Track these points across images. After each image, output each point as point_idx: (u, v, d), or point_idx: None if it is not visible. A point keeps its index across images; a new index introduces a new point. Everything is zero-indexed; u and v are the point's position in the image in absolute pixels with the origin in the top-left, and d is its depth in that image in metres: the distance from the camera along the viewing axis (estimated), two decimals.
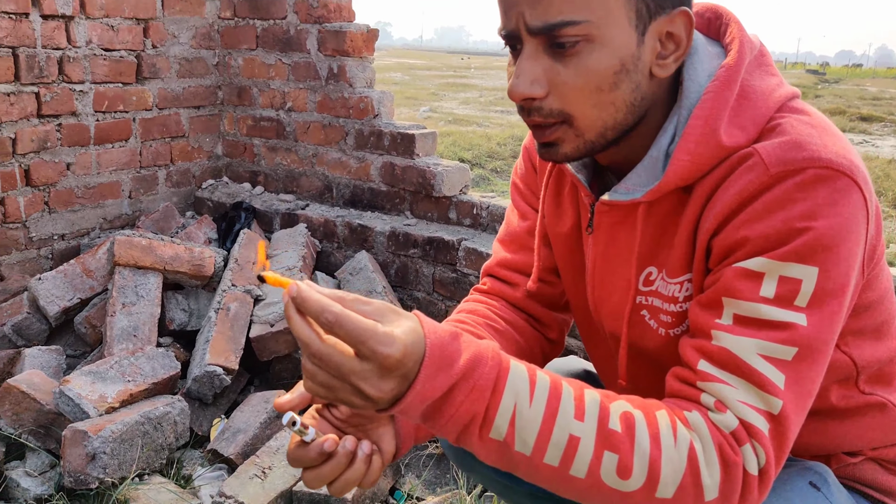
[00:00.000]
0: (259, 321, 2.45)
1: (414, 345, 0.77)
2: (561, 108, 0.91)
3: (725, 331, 0.86)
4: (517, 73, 0.91)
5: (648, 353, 1.04)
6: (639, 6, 0.88)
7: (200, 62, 3.31)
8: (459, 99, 12.66)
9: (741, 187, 0.87)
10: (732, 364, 0.85)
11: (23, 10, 2.60)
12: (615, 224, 1.03)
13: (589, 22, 0.86)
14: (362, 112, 3.03)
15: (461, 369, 0.80)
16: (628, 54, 0.89)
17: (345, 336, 0.75)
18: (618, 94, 0.90)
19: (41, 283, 2.46)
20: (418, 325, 0.79)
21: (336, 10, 3.07)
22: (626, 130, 0.95)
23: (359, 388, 0.76)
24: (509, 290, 1.25)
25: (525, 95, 0.91)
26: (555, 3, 0.86)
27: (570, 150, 0.94)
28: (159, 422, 2.01)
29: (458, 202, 2.87)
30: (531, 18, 0.87)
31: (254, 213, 3.12)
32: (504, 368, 0.83)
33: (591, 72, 0.88)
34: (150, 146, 3.16)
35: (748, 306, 0.85)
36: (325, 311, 0.75)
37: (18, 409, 2.03)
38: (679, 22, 0.90)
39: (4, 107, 2.58)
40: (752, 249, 0.86)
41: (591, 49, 0.87)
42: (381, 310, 0.79)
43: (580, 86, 0.89)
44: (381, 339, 0.75)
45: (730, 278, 0.87)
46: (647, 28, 0.89)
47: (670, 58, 0.92)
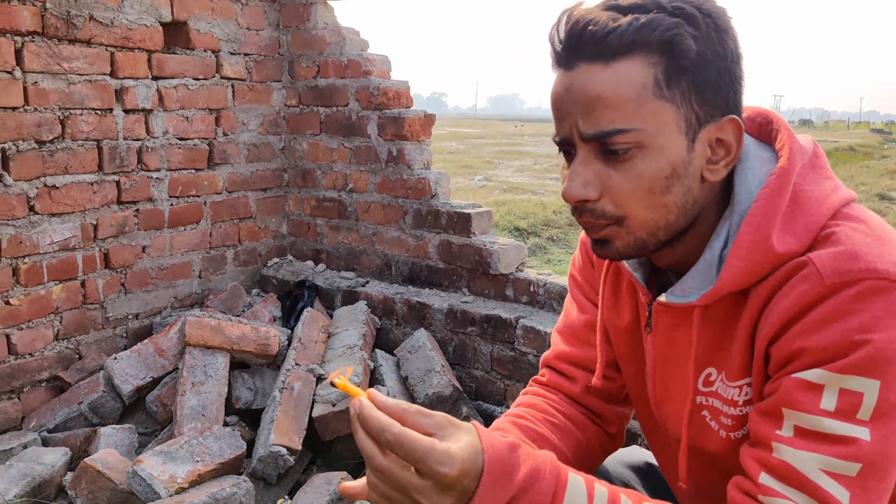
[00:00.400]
0: (321, 400, 2.51)
1: (472, 461, 0.79)
2: (613, 211, 0.93)
3: (786, 443, 0.86)
4: (570, 177, 0.94)
5: (710, 455, 1.03)
6: (688, 115, 0.90)
7: (267, 147, 3.48)
8: (514, 167, 12.80)
9: (797, 297, 0.87)
10: (795, 479, 0.84)
11: (107, 105, 2.80)
12: (673, 325, 1.04)
13: (640, 130, 0.89)
14: (420, 192, 3.13)
15: (520, 483, 0.81)
16: (679, 159, 0.91)
17: (403, 455, 0.79)
18: (669, 196, 0.92)
19: (116, 362, 2.58)
20: (476, 438, 0.81)
21: (395, 97, 3.22)
22: (679, 232, 0.96)
23: (418, 502, 0.80)
24: (567, 384, 1.26)
25: (578, 198, 0.93)
26: (607, 113, 0.89)
27: (621, 246, 0.96)
28: (226, 502, 2.07)
29: (514, 279, 2.92)
30: (584, 126, 0.91)
31: (316, 291, 3.22)
32: (562, 482, 0.84)
33: (644, 176, 0.91)
34: (220, 227, 3.31)
35: (809, 419, 0.84)
36: (383, 432, 0.79)
37: (94, 487, 2.11)
38: (728, 129, 0.93)
39: (88, 195, 2.76)
40: (811, 360, 0.85)
41: (643, 155, 0.90)
42: (441, 423, 0.82)
43: (632, 189, 0.91)
44: (439, 458, 0.78)
45: (789, 389, 0.86)
46: (698, 135, 0.91)
47: (721, 163, 0.94)
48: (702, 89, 0.90)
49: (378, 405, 0.83)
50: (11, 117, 2.49)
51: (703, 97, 0.91)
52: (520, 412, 1.21)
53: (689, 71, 0.89)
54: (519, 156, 15.23)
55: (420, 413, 0.83)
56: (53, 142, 2.63)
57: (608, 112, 0.89)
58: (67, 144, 2.68)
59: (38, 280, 2.62)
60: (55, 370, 2.70)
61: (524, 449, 0.85)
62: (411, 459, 0.79)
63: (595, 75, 0.90)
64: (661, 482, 1.31)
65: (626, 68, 0.89)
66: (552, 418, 1.20)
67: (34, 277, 2.61)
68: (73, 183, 2.71)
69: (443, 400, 2.58)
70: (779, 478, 0.86)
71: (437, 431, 0.81)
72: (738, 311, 0.96)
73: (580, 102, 0.91)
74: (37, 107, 2.56)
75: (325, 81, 3.37)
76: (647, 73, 0.89)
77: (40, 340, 2.65)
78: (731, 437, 0.99)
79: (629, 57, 0.89)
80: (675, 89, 0.89)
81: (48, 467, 2.19)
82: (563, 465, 0.87)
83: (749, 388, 0.96)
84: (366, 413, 0.81)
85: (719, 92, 0.91)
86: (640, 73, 0.89)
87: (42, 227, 2.62)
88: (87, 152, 2.75)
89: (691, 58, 0.88)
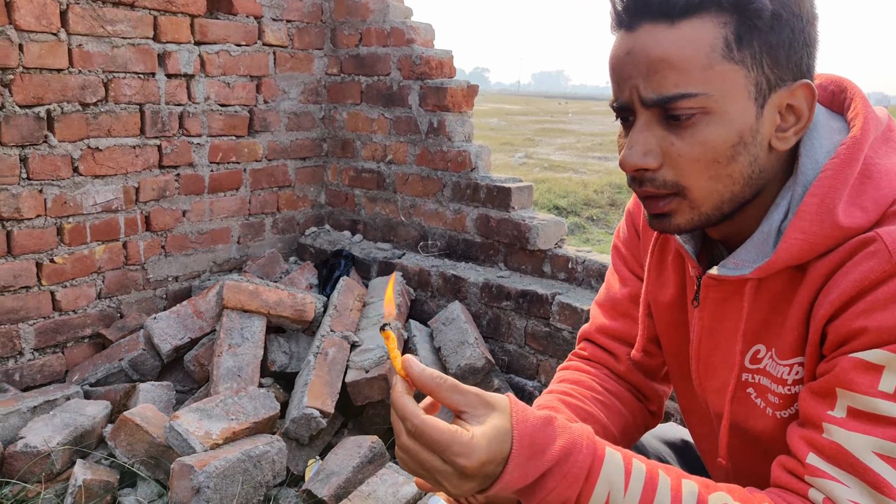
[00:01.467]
0: (355, 366, 2.53)
1: (496, 447, 0.79)
2: (675, 179, 0.89)
3: (838, 424, 0.82)
4: (630, 144, 0.90)
5: (753, 433, 1.01)
6: (759, 79, 0.85)
7: (308, 116, 3.49)
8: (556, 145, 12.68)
9: (861, 274, 0.82)
10: (845, 461, 0.81)
11: (150, 70, 2.83)
12: (722, 299, 1.00)
13: (706, 95, 0.84)
14: (460, 165, 3.12)
15: (554, 456, 0.80)
16: (746, 127, 0.86)
17: (425, 444, 0.79)
18: (735, 166, 0.88)
19: (156, 322, 2.63)
20: (507, 418, 0.80)
21: (437, 66, 3.19)
22: (742, 204, 0.92)
23: (441, 483, 0.80)
24: (612, 360, 1.23)
25: (638, 166, 0.89)
26: (671, 76, 0.85)
27: (683, 222, 0.92)
28: (259, 460, 2.11)
29: (553, 256, 2.89)
30: (646, 91, 0.86)
31: (352, 261, 3.24)
32: (599, 456, 0.83)
33: (708, 144, 0.86)
34: (259, 195, 3.34)
35: (864, 400, 0.81)
36: (407, 420, 0.80)
37: (132, 439, 2.17)
38: (800, 94, 0.87)
39: (130, 158, 2.80)
40: (871, 340, 0.81)
41: (707, 121, 0.86)
42: (472, 402, 0.81)
43: (696, 157, 0.87)
44: (458, 451, 0.77)
45: (845, 369, 0.82)
46: (767, 100, 0.87)
47: (790, 130, 0.89)
48: (774, 51, 0.85)
49: (413, 376, 0.82)
50: (56, 79, 2.53)
51: (775, 60, 0.85)
52: (566, 389, 1.18)
53: (761, 31, 0.84)
54: (562, 133, 15.09)
55: (454, 389, 0.81)
56: (97, 104, 2.67)
57: (673, 75, 0.85)
58: (111, 107, 2.72)
59: (82, 240, 2.68)
60: (97, 327, 2.77)
61: (559, 422, 0.83)
62: (433, 449, 0.79)
63: (659, 36, 0.85)
64: (697, 460, 1.29)
65: (694, 28, 0.84)
66: (600, 396, 1.17)
67: (78, 237, 2.66)
68: (115, 146, 2.75)
69: (475, 371, 2.59)
70: (828, 458, 0.83)
71: (467, 409, 0.81)
72: (793, 286, 0.92)
73: (642, 65, 0.86)
74: (81, 69, 2.60)
75: (367, 50, 3.37)
76: (716, 34, 0.84)
77: (83, 298, 2.71)
78: (778, 415, 0.96)
79: (698, 16, 0.84)
80: (747, 51, 0.84)
81: (89, 419, 2.25)
82: (600, 440, 0.85)
83: (800, 367, 0.92)
84: (394, 396, 0.81)
85: (792, 54, 0.86)
86: (709, 34, 0.84)
87: (85, 188, 2.67)
88: (130, 116, 2.79)
89: (765, 17, 0.83)
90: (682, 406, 1.21)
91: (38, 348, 2.60)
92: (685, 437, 1.35)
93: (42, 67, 2.48)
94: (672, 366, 1.18)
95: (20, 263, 2.51)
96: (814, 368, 0.89)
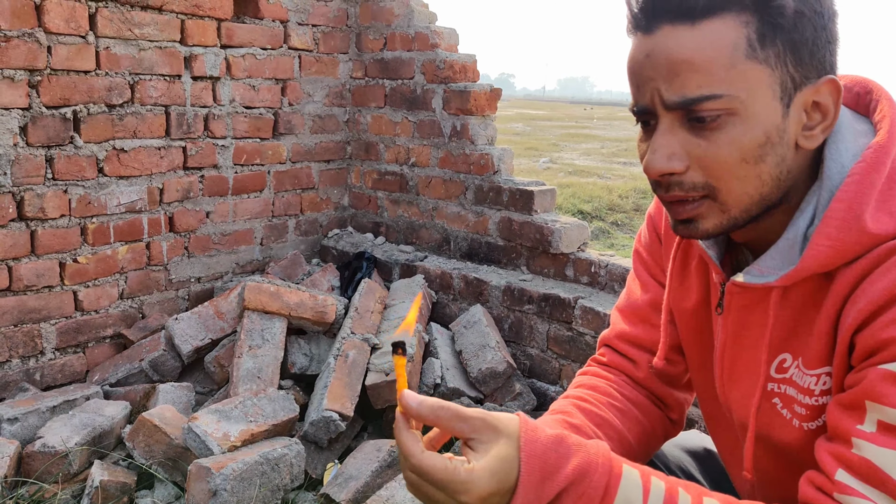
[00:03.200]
0: (375, 369, 2.52)
1: (500, 479, 0.77)
2: (705, 180, 0.87)
3: (868, 439, 0.80)
4: (653, 149, 0.87)
5: (779, 445, 0.98)
6: (783, 78, 0.83)
7: (332, 119, 3.50)
8: (581, 150, 12.62)
9: (890, 283, 0.80)
10: (875, 478, 0.78)
11: (176, 72, 2.85)
12: (747, 306, 0.98)
13: (731, 96, 0.82)
14: (483, 168, 3.10)
15: (568, 476, 0.78)
16: (773, 126, 0.84)
17: (427, 481, 0.78)
18: (763, 167, 0.85)
19: (177, 322, 2.64)
20: (514, 443, 0.79)
21: (461, 70, 3.18)
22: (770, 206, 0.89)
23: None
24: (630, 367, 1.20)
25: (664, 171, 0.87)
26: (694, 77, 0.83)
27: (711, 226, 0.90)
28: (277, 463, 2.10)
29: (575, 259, 2.87)
30: (668, 93, 0.84)
31: (375, 263, 3.23)
32: (615, 475, 0.80)
33: (736, 144, 0.84)
34: (282, 197, 3.35)
35: (894, 413, 0.78)
36: (407, 458, 0.79)
37: (150, 440, 2.17)
38: (825, 91, 0.85)
39: (155, 159, 2.82)
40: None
41: (734, 122, 0.83)
42: (477, 427, 0.79)
43: (724, 158, 0.84)
44: (459, 488, 0.76)
45: (874, 381, 0.79)
46: (793, 99, 0.85)
47: (817, 128, 0.87)
48: (798, 49, 0.83)
49: (412, 413, 0.81)
50: (83, 80, 2.55)
51: (799, 58, 0.84)
52: (582, 394, 1.15)
53: (784, 29, 0.82)
54: (586, 139, 15.02)
55: (457, 417, 0.79)
56: (123, 106, 2.69)
57: (696, 77, 0.83)
58: (136, 109, 2.74)
59: (105, 240, 2.70)
60: (119, 327, 2.78)
61: (573, 440, 0.81)
62: (434, 485, 0.78)
63: (680, 37, 0.83)
64: (720, 469, 1.26)
65: (716, 28, 0.82)
66: (616, 402, 1.15)
67: (101, 237, 2.68)
68: (140, 147, 2.77)
69: (496, 375, 2.56)
70: (857, 475, 0.80)
71: (473, 436, 0.79)
72: (821, 294, 0.89)
73: (663, 68, 0.84)
74: (108, 71, 2.63)
75: (392, 54, 3.36)
76: (738, 33, 0.82)
77: (105, 298, 2.73)
78: (805, 427, 0.93)
79: (719, 15, 0.82)
80: (770, 50, 0.82)
81: (108, 419, 2.26)
82: (616, 457, 0.83)
83: (828, 377, 0.89)
84: (395, 433, 0.81)
85: (816, 52, 0.84)
86: (731, 33, 0.82)
87: (110, 188, 2.69)
88: (156, 118, 2.81)
89: (788, 15, 0.82)
90: (705, 414, 1.18)
91: (60, 348, 2.62)
92: (708, 445, 1.32)
93: (69, 69, 2.51)
94: (695, 373, 1.15)
95: (44, 263, 2.53)
96: (842, 379, 0.86)
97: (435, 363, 2.62)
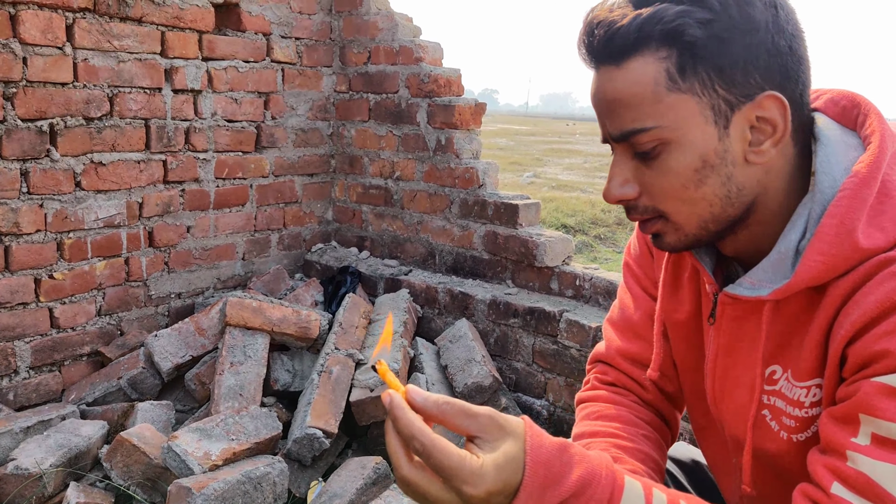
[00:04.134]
0: (360, 385, 2.48)
1: (507, 476, 0.75)
2: (654, 205, 0.93)
3: (863, 453, 0.80)
4: (609, 178, 0.94)
5: (770, 456, 0.98)
6: (714, 102, 0.86)
7: (315, 133, 3.46)
8: (564, 164, 12.67)
9: (883, 295, 0.80)
10: (871, 492, 0.78)
11: (157, 84, 2.80)
12: (739, 317, 0.98)
13: (660, 127, 0.87)
14: (467, 182, 3.08)
15: (571, 487, 0.77)
16: (710, 150, 0.87)
17: (432, 467, 0.75)
18: (706, 188, 0.89)
19: (157, 339, 2.59)
20: (520, 445, 0.77)
21: (445, 84, 3.16)
22: (733, 221, 0.92)
23: None
24: (639, 389, 1.20)
25: (617, 198, 0.93)
26: (625, 113, 0.89)
27: (673, 241, 0.95)
28: (259, 482, 2.05)
29: (560, 273, 2.85)
30: (610, 128, 0.91)
31: (359, 277, 3.19)
32: (619, 486, 0.80)
33: (672, 172, 0.89)
34: (265, 211, 3.30)
35: (889, 426, 0.78)
36: (413, 439, 0.75)
37: (129, 461, 2.11)
38: (768, 105, 0.86)
39: (134, 173, 2.77)
40: (894, 364, 0.78)
41: (669, 151, 0.88)
42: (485, 426, 0.77)
43: (665, 186, 0.90)
44: (466, 478, 0.74)
45: (868, 393, 0.80)
46: (731, 120, 0.87)
47: (766, 143, 0.88)
48: (725, 72, 0.85)
49: (416, 405, 0.78)
50: (60, 93, 2.51)
51: (729, 80, 0.85)
52: (614, 430, 1.13)
53: (704, 58, 0.85)
54: (569, 154, 15.09)
55: (463, 413, 0.77)
56: (101, 119, 2.64)
57: (626, 112, 0.88)
58: (115, 122, 2.69)
59: (82, 255, 2.64)
60: (96, 345, 2.72)
61: (576, 450, 0.80)
62: (439, 473, 0.75)
63: (611, 77, 0.89)
64: (708, 480, 1.26)
65: (637, 67, 0.87)
66: (644, 431, 1.14)
67: (78, 253, 2.62)
68: (119, 161, 2.72)
69: (482, 390, 2.53)
70: (853, 489, 0.80)
71: (479, 434, 0.77)
72: (812, 306, 0.90)
73: (604, 105, 0.91)
74: (86, 83, 2.58)
75: (376, 68, 3.34)
76: (657, 69, 0.86)
77: (83, 315, 2.67)
78: (794, 439, 0.93)
79: (639, 54, 0.86)
80: (693, 79, 0.86)
81: (85, 439, 2.20)
82: (619, 469, 0.82)
83: (818, 389, 0.90)
84: (397, 413, 0.76)
85: (751, 70, 0.85)
86: (651, 70, 0.86)
87: (87, 203, 2.63)
88: (135, 131, 2.76)
89: (704, 44, 0.84)
90: (694, 426, 1.17)
91: (35, 367, 2.55)
92: (695, 456, 1.33)
93: (46, 81, 2.46)
94: (687, 385, 1.15)
95: (18, 279, 2.47)
96: (833, 391, 0.87)
97: (420, 378, 2.58)
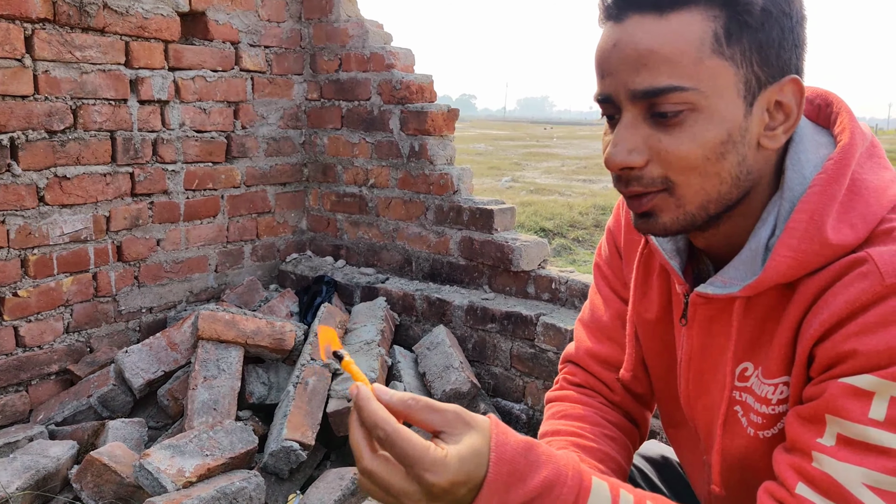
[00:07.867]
0: (337, 396, 2.44)
1: (471, 469, 0.74)
2: (664, 174, 0.85)
3: (828, 454, 0.79)
4: (615, 142, 0.86)
5: (737, 456, 0.97)
6: (748, 76, 0.83)
7: (287, 142, 3.42)
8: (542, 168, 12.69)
9: (852, 295, 0.79)
10: (836, 493, 0.78)
11: (122, 96, 2.75)
12: (712, 317, 0.96)
13: (696, 90, 0.81)
14: (442, 188, 3.05)
15: (536, 488, 0.76)
16: (735, 125, 0.83)
17: (395, 456, 0.74)
18: (724, 164, 0.84)
19: (127, 355, 2.53)
20: (485, 440, 0.76)
21: (418, 91, 3.14)
22: (729, 206, 0.88)
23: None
24: (605, 390, 1.18)
25: (623, 164, 0.86)
26: (661, 68, 0.82)
27: (668, 220, 0.88)
28: (235, 497, 2.00)
29: (536, 276, 2.83)
30: (634, 83, 0.83)
31: (335, 287, 3.15)
32: (585, 487, 0.78)
33: (697, 140, 0.83)
34: (237, 222, 3.26)
35: (855, 428, 0.77)
36: (377, 427, 0.74)
37: (100, 480, 2.06)
38: (789, 91, 0.85)
39: (101, 187, 2.72)
40: (861, 365, 0.77)
41: (695, 119, 0.83)
42: (450, 420, 0.76)
43: (685, 153, 0.83)
44: (429, 467, 0.72)
45: (835, 394, 0.79)
46: (756, 98, 0.84)
47: (779, 129, 0.86)
48: (764, 49, 0.82)
49: (382, 402, 0.76)
50: (21, 106, 2.45)
51: (765, 58, 0.83)
52: (576, 429, 1.12)
53: (752, 28, 0.81)
54: (547, 157, 15.13)
55: (429, 408, 0.76)
56: (65, 132, 2.59)
57: (663, 67, 0.81)
58: (80, 135, 2.63)
59: (48, 272, 2.58)
60: (65, 363, 2.66)
61: (543, 449, 0.79)
62: (402, 462, 0.73)
63: (649, 28, 0.82)
64: (679, 478, 1.25)
65: (684, 21, 0.81)
66: (607, 431, 1.13)
67: (43, 269, 2.56)
68: (84, 174, 2.66)
69: (460, 396, 2.50)
70: (818, 490, 0.79)
71: (445, 429, 0.76)
72: (782, 304, 0.88)
73: (631, 57, 0.83)
74: (47, 96, 2.52)
75: (347, 75, 3.31)
76: (706, 27, 0.81)
77: (49, 333, 2.61)
78: (760, 435, 0.92)
79: (688, 8, 0.81)
80: (736, 47, 0.82)
81: (53, 460, 2.14)
82: (586, 469, 0.81)
83: (785, 386, 0.89)
84: (362, 403, 0.75)
85: (782, 54, 0.83)
86: (699, 27, 0.81)
87: (52, 218, 2.57)
88: (100, 143, 2.71)
89: (756, 13, 0.81)
90: (666, 426, 1.16)
91: (0, 387, 2.48)
92: (666, 453, 1.32)
93: (5, 94, 2.40)
94: (659, 385, 1.14)
95: None
96: (800, 390, 0.86)
97: (398, 386, 2.55)
